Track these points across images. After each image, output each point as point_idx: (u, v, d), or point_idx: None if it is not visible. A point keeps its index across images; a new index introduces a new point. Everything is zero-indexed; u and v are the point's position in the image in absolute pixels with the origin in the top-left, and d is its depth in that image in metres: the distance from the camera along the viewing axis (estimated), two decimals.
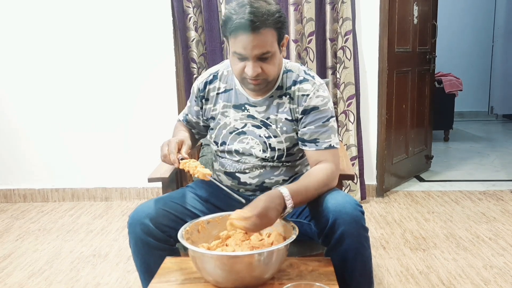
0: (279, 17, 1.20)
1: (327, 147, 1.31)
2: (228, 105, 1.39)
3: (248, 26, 1.15)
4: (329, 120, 1.33)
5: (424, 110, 3.56)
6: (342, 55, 2.77)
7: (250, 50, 1.18)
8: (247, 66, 1.22)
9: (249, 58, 1.20)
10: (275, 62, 1.25)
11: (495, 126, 5.91)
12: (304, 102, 1.32)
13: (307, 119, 1.32)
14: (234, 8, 1.18)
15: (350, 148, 2.87)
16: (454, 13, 6.07)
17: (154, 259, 1.23)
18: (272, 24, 1.18)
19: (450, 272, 2.00)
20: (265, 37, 1.18)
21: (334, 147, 1.32)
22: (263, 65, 1.22)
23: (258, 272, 1.03)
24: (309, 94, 1.32)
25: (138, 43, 2.91)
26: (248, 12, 1.15)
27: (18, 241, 2.48)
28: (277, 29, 1.21)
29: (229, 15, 1.18)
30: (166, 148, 1.23)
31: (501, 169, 3.71)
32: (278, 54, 1.26)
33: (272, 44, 1.21)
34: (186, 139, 1.28)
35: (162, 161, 1.25)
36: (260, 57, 1.20)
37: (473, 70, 6.29)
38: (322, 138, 1.31)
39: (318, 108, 1.31)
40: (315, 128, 1.31)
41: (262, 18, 1.16)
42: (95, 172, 3.10)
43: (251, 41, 1.17)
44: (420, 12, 3.27)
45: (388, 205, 2.92)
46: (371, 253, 1.23)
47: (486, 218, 2.63)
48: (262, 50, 1.19)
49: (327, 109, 1.33)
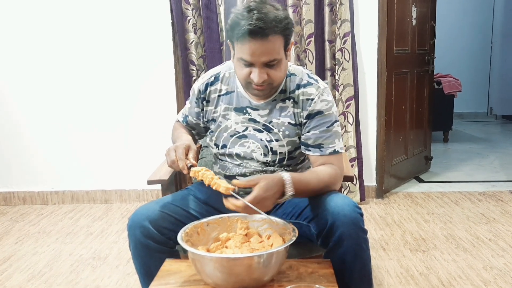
0: (287, 23, 1.19)
1: (331, 153, 1.31)
2: (229, 107, 1.38)
3: (256, 33, 1.13)
4: (333, 125, 1.32)
5: (423, 111, 3.56)
6: (341, 57, 2.78)
7: (257, 57, 1.17)
8: (253, 72, 1.20)
9: (255, 64, 1.19)
10: (281, 68, 1.24)
11: (494, 127, 5.91)
12: (308, 106, 1.31)
13: (311, 124, 1.31)
14: (242, 13, 1.16)
15: (349, 150, 2.87)
16: (453, 15, 6.08)
17: (154, 262, 1.22)
18: (280, 31, 1.17)
19: (450, 273, 2.00)
20: (273, 44, 1.17)
21: (338, 152, 1.32)
22: (269, 71, 1.21)
23: (257, 274, 1.03)
24: (314, 99, 1.31)
25: (138, 45, 2.91)
26: (256, 19, 1.12)
27: (17, 243, 2.48)
28: (285, 36, 1.20)
29: (237, 20, 1.16)
30: (174, 153, 1.20)
31: (501, 170, 3.71)
32: (284, 60, 1.25)
33: (279, 51, 1.20)
34: (191, 144, 1.26)
35: (169, 166, 1.23)
36: (266, 63, 1.19)
37: (472, 71, 6.30)
38: (326, 144, 1.30)
39: (323, 112, 1.31)
40: (320, 133, 1.30)
41: (271, 25, 1.14)
42: (95, 174, 3.10)
43: (259, 48, 1.15)
44: (419, 14, 3.28)
45: (387, 206, 2.92)
46: (370, 254, 1.22)
47: (485, 219, 2.63)
48: (270, 58, 1.18)
49: (332, 113, 1.32)
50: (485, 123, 6.21)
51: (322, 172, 1.27)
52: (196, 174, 1.18)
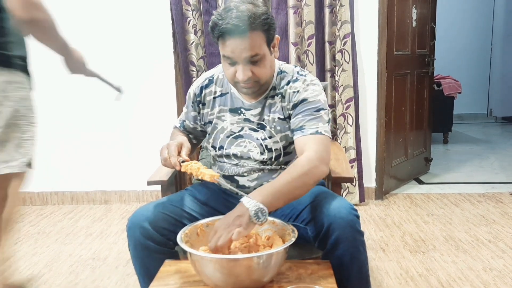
0: (265, 19, 1.20)
1: (312, 133, 1.25)
2: (224, 109, 1.39)
3: (234, 30, 1.16)
4: (319, 111, 1.29)
5: (423, 112, 3.56)
6: (341, 58, 2.78)
7: (238, 54, 1.19)
8: (238, 70, 1.22)
9: (239, 62, 1.21)
10: (266, 65, 1.25)
11: (494, 129, 5.92)
12: (293, 98, 1.32)
13: (296, 111, 1.31)
14: (220, 14, 1.19)
15: (348, 151, 2.88)
16: (453, 16, 6.09)
17: (153, 263, 1.22)
18: (259, 26, 1.18)
19: (449, 275, 2.00)
20: (253, 40, 1.18)
21: (320, 133, 1.25)
22: (253, 68, 1.22)
23: (257, 275, 1.03)
24: (299, 90, 1.32)
25: (138, 46, 2.92)
26: (234, 17, 1.15)
27: (17, 244, 2.47)
28: (264, 31, 1.21)
29: (216, 20, 1.19)
30: (166, 151, 1.22)
31: (501, 172, 3.71)
32: (268, 56, 1.25)
33: (261, 46, 1.21)
34: (185, 142, 1.28)
35: (163, 165, 1.24)
36: (250, 60, 1.20)
37: (472, 73, 6.30)
38: (308, 125, 1.27)
39: (307, 99, 1.30)
40: (303, 116, 1.29)
41: (248, 22, 1.16)
42: (95, 175, 3.10)
43: (239, 45, 1.17)
44: (419, 15, 3.28)
45: (387, 207, 2.92)
46: (367, 257, 1.23)
47: (485, 221, 2.63)
48: (251, 53, 1.19)
49: (318, 100, 1.30)
50: (485, 124, 6.21)
51: (291, 167, 1.19)
52: (186, 168, 1.19)
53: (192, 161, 1.21)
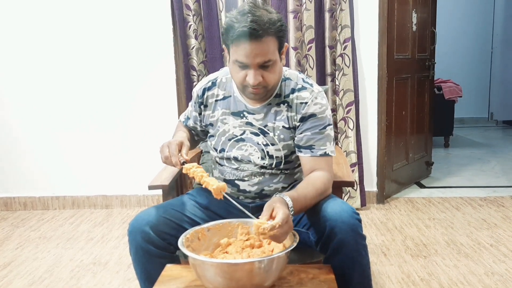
0: (280, 25, 1.21)
1: (322, 154, 1.31)
2: (227, 112, 1.39)
3: (250, 34, 1.16)
4: (326, 128, 1.33)
5: (424, 116, 3.56)
6: (341, 62, 2.78)
7: (252, 59, 1.19)
8: (248, 74, 1.22)
9: (250, 66, 1.21)
10: (276, 70, 1.26)
11: (495, 132, 5.91)
12: (302, 109, 1.33)
13: (304, 126, 1.33)
14: (236, 17, 1.19)
15: (349, 155, 2.87)
16: (453, 20, 6.10)
17: (155, 267, 1.23)
18: (274, 32, 1.20)
19: (451, 279, 1.99)
20: (267, 46, 1.19)
21: (328, 155, 1.33)
22: (264, 73, 1.23)
23: (258, 279, 1.03)
24: (307, 102, 1.32)
25: (139, 51, 2.93)
26: (250, 21, 1.15)
27: (18, 249, 2.47)
28: (278, 38, 1.22)
29: (231, 23, 1.19)
30: (167, 150, 1.23)
31: (502, 175, 3.71)
32: (278, 62, 1.27)
33: (274, 52, 1.22)
34: (185, 140, 1.29)
35: (163, 162, 1.26)
36: (261, 65, 1.21)
37: (473, 77, 6.31)
38: (317, 145, 1.31)
39: (316, 115, 1.32)
40: (312, 134, 1.32)
41: (264, 27, 1.16)
42: (96, 179, 3.10)
43: (253, 50, 1.18)
44: (419, 19, 3.29)
45: (388, 211, 2.91)
46: (369, 261, 1.22)
47: (487, 225, 2.62)
48: (264, 59, 1.20)
49: (325, 116, 1.33)
50: (486, 128, 6.21)
51: (317, 181, 1.27)
52: (188, 171, 1.19)
53: (194, 164, 1.21)
